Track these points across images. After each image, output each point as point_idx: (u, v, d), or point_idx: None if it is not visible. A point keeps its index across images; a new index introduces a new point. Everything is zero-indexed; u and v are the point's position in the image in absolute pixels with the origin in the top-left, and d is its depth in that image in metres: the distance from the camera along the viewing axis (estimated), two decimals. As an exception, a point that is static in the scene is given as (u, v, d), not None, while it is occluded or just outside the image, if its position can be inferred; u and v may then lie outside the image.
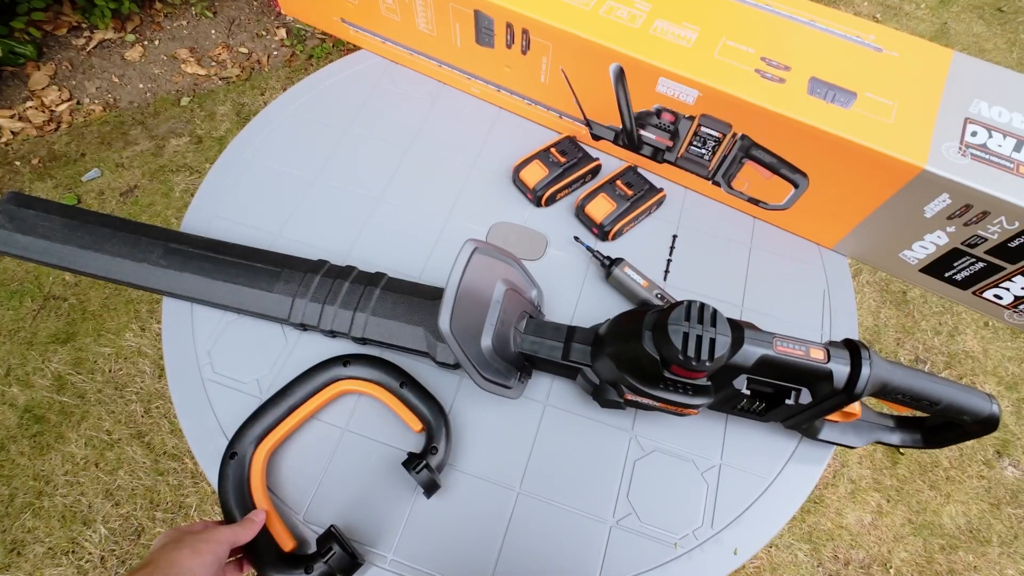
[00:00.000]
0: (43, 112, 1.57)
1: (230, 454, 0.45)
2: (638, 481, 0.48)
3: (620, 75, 0.57)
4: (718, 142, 0.57)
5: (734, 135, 0.56)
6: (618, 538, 0.46)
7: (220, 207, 0.62)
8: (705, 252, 0.61)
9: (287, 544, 0.43)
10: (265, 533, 0.43)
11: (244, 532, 0.41)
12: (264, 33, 1.78)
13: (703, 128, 0.57)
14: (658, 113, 0.58)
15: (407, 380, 0.49)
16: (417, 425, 0.48)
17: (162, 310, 0.55)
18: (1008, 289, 0.54)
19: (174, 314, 0.55)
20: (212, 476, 0.48)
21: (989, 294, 0.56)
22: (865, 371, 0.38)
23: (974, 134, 0.49)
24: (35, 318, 1.25)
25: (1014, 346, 1.30)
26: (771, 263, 0.61)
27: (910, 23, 1.98)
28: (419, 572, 0.44)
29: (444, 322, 0.40)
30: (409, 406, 0.48)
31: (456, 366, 0.51)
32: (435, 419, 0.48)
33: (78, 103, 1.61)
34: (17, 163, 1.48)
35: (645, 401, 0.44)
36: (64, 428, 1.13)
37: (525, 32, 0.59)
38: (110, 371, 1.20)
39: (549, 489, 0.48)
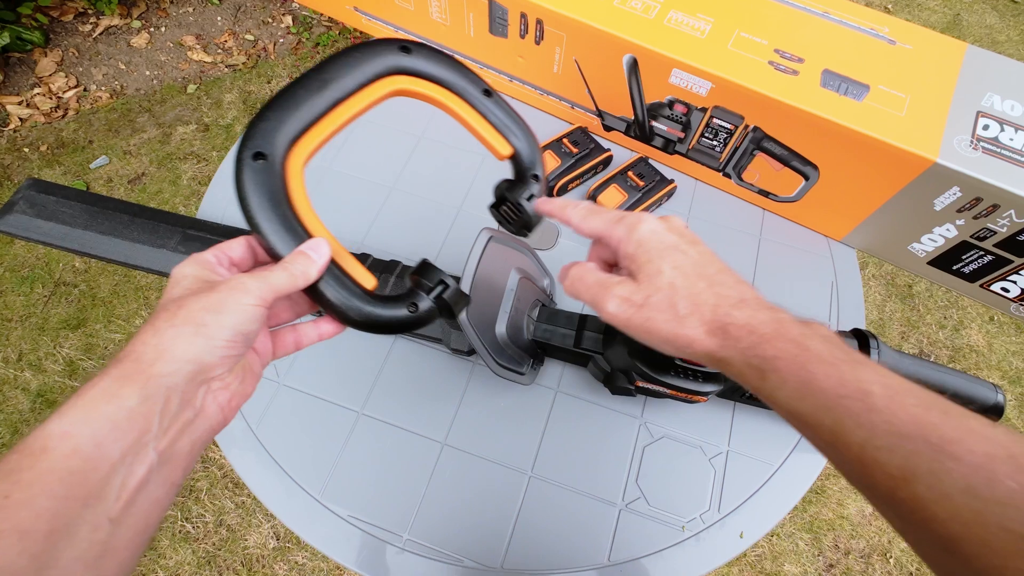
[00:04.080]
0: (50, 99, 1.57)
1: (253, 154, 0.28)
2: (647, 466, 0.49)
3: (633, 66, 0.57)
4: (730, 134, 0.58)
5: (746, 127, 0.56)
6: (627, 521, 0.47)
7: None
8: (715, 243, 0.61)
9: (367, 281, 0.31)
10: (335, 271, 0.29)
11: (298, 273, 0.27)
12: (270, 20, 1.77)
13: (715, 120, 0.57)
14: (670, 104, 0.59)
15: (491, 89, 0.36)
16: (505, 149, 0.37)
17: (180, 296, 0.56)
18: (1015, 282, 0.54)
19: (192, 300, 0.56)
20: (232, 456, 0.49)
21: (996, 287, 0.56)
22: (873, 359, 0.39)
23: (986, 127, 0.49)
24: (46, 304, 1.27)
25: (1018, 341, 1.31)
26: (780, 255, 0.61)
27: (922, 14, 1.96)
28: (434, 551, 0.45)
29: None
30: (495, 123, 0.36)
31: (470, 353, 0.52)
32: (527, 140, 0.37)
33: (85, 90, 1.61)
34: (26, 150, 1.49)
35: (656, 388, 0.45)
36: None
37: (539, 22, 0.59)
38: (121, 357, 1.21)
39: (560, 473, 0.49)
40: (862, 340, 0.41)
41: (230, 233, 0.56)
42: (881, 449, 0.20)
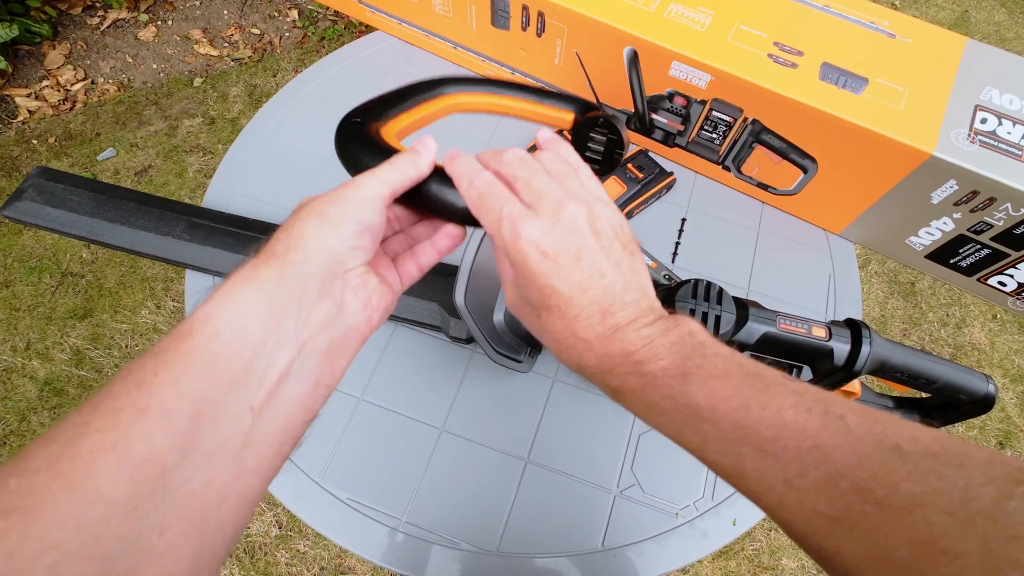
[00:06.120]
0: (59, 91, 1.59)
1: (349, 118, 0.35)
2: (642, 454, 0.50)
3: (634, 59, 0.57)
4: (729, 127, 0.58)
5: (745, 120, 0.56)
6: (621, 507, 0.48)
7: (240, 184, 0.64)
8: (713, 236, 0.62)
9: None
10: (442, 174, 0.29)
11: (407, 167, 0.27)
12: (276, 14, 1.78)
13: (715, 112, 0.58)
14: (670, 97, 0.59)
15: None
16: (569, 116, 0.45)
17: (185, 283, 0.57)
18: (1012, 276, 0.54)
19: (197, 286, 0.57)
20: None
21: (994, 281, 0.56)
22: (865, 349, 0.40)
23: (984, 121, 0.50)
24: (53, 294, 1.28)
25: (1021, 339, 1.30)
26: (778, 248, 0.62)
27: (929, 10, 1.95)
28: (431, 534, 0.46)
29: (460, 296, 0.42)
30: (552, 99, 0.44)
31: (468, 340, 0.52)
32: (578, 103, 0.45)
33: (92, 83, 1.62)
34: (34, 142, 1.50)
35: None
36: (83, 401, 1.16)
37: (540, 14, 0.59)
38: (127, 347, 1.23)
39: (556, 459, 0.50)
40: (855, 330, 0.41)
41: (234, 221, 0.57)
42: (715, 452, 0.23)
